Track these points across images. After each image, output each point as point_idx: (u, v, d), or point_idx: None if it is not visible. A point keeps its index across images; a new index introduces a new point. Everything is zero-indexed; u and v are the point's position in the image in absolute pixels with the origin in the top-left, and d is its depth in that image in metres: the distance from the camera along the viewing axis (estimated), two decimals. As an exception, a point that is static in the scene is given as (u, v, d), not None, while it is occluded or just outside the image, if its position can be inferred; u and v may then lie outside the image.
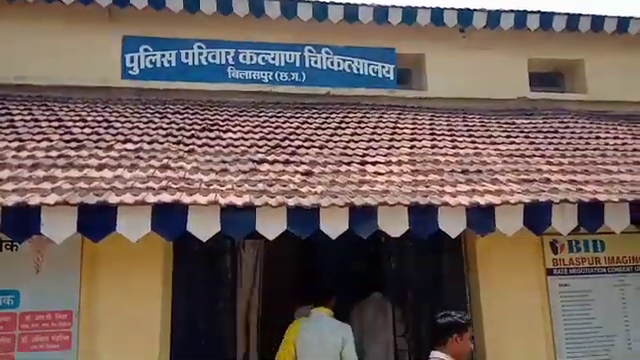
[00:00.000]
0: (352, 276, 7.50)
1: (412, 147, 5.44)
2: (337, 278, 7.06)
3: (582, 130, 6.25)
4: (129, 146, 4.78)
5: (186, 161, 4.54)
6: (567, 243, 5.03)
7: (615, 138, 6.06)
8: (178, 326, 4.34)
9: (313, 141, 5.33)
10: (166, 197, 3.81)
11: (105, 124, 5.30)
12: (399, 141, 5.57)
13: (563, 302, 4.89)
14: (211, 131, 5.33)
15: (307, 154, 4.99)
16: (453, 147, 5.52)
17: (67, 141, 4.84)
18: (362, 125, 5.94)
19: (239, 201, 3.89)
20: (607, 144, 5.85)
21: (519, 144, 5.73)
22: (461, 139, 5.77)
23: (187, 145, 4.90)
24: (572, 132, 6.17)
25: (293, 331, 4.54)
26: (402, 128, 5.97)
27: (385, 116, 6.29)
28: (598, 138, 6.03)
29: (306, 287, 5.02)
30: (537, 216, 4.36)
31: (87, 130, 5.12)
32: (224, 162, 4.62)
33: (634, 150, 5.73)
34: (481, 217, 4.27)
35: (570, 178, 4.89)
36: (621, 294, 5.01)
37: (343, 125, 5.89)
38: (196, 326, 4.51)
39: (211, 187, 4.07)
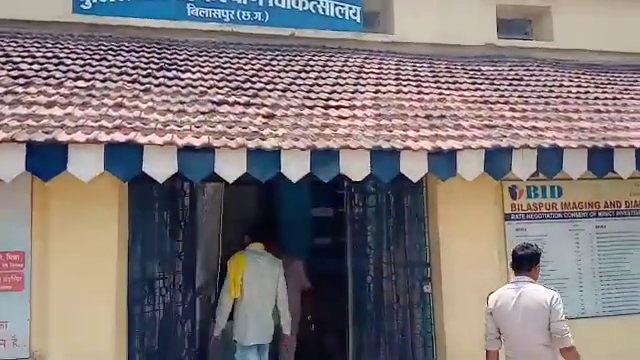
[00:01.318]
0: (314, 221, 7.58)
1: (377, 92, 5.37)
2: (298, 222, 7.12)
3: (546, 78, 6.27)
4: (80, 84, 4.57)
5: (141, 100, 4.37)
6: (525, 189, 5.10)
7: (578, 86, 6.11)
8: (135, 267, 4.27)
9: (276, 84, 5.20)
10: (120, 136, 3.70)
11: (55, 60, 5.04)
12: (364, 86, 5.50)
13: (519, 246, 5.01)
14: (169, 70, 5.12)
15: (269, 97, 4.88)
16: (418, 92, 5.48)
17: (15, 77, 4.59)
18: (327, 69, 5.82)
19: (197, 142, 3.80)
20: (570, 92, 5.90)
21: (484, 90, 5.73)
22: (426, 84, 5.72)
23: (143, 84, 4.70)
24: (537, 80, 6.19)
25: (240, 263, 4.73)
26: (367, 73, 5.88)
27: (350, 60, 6.16)
28: (561, 86, 6.07)
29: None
30: (498, 161, 4.42)
31: (36, 66, 4.86)
32: (182, 103, 4.47)
33: (596, 98, 5.80)
34: (443, 161, 4.30)
35: (532, 124, 4.95)
36: (575, 239, 5.14)
37: (307, 68, 5.75)
38: (154, 267, 4.45)
39: (168, 127, 3.96)
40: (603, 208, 5.25)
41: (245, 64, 5.61)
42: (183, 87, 4.80)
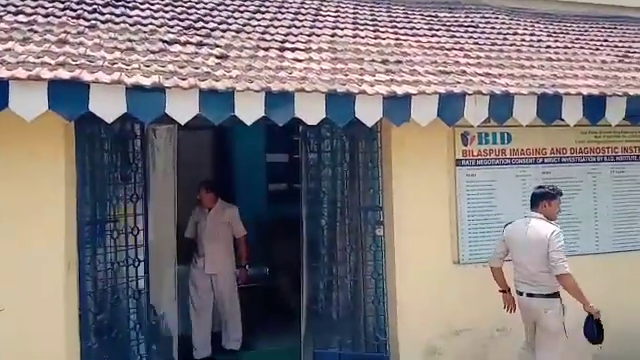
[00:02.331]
0: (269, 167, 7.57)
1: (333, 35, 5.30)
2: (253, 168, 7.11)
3: (501, 26, 6.32)
4: (21, 18, 4.30)
5: (87, 37, 4.16)
6: (477, 135, 5.21)
7: (532, 35, 6.18)
8: (84, 209, 4.17)
9: (229, 24, 5.05)
10: (64, 73, 3.53)
11: (-7, -7, 4.71)
12: (320, 29, 5.41)
13: (469, 191, 5.14)
14: (116, 7, 4.88)
15: (222, 37, 4.74)
16: (375, 37, 5.44)
17: (-52, 10, 4.29)
18: (282, 10, 5.68)
19: (147, 81, 3.68)
20: (523, 40, 5.98)
21: (440, 37, 5.73)
22: (384, 29, 5.68)
23: (88, 20, 4.47)
24: (492, 27, 6.23)
25: None
26: (324, 16, 5.80)
27: (307, 2, 6.04)
28: (516, 34, 6.13)
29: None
30: (451, 107, 4.47)
31: (-29, -1, 4.54)
32: (130, 41, 4.29)
33: (548, 47, 5.90)
34: (397, 106, 4.32)
35: (485, 71, 5.00)
36: (522, 184, 5.31)
37: (262, 9, 5.60)
38: (104, 210, 4.37)
39: (115, 66, 3.80)
40: (549, 154, 5.43)
41: (197, 2, 5.41)
42: (131, 25, 4.59)
